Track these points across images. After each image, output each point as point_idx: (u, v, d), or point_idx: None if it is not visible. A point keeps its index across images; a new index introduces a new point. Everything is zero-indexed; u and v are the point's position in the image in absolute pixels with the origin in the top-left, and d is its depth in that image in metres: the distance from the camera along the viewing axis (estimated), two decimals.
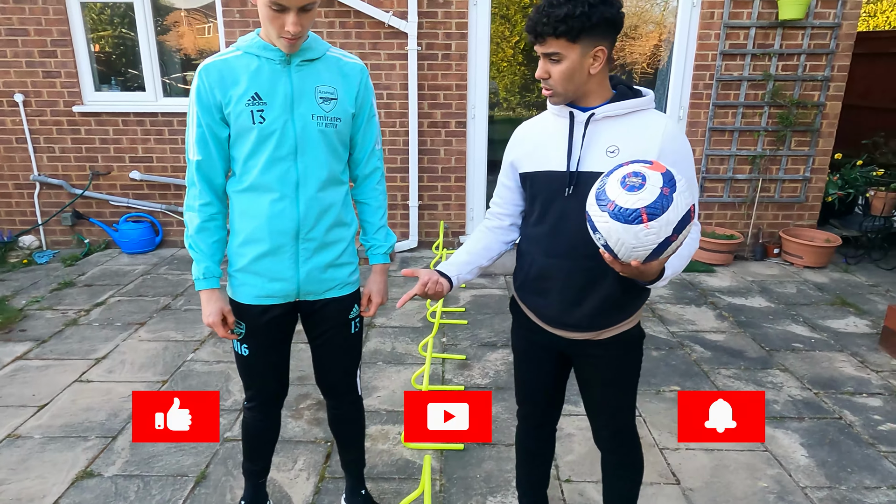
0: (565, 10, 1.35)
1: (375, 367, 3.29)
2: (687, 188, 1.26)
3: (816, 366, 3.35)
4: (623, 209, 1.23)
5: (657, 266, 1.34)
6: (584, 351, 1.65)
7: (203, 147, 1.61)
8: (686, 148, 1.51)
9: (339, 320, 1.83)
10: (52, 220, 5.31)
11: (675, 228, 1.24)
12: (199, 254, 1.66)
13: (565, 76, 1.44)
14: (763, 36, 4.80)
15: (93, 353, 3.42)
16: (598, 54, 1.43)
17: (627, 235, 1.24)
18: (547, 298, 1.61)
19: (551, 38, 1.39)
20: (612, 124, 1.49)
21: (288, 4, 1.45)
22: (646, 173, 1.24)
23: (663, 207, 1.22)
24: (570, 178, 1.50)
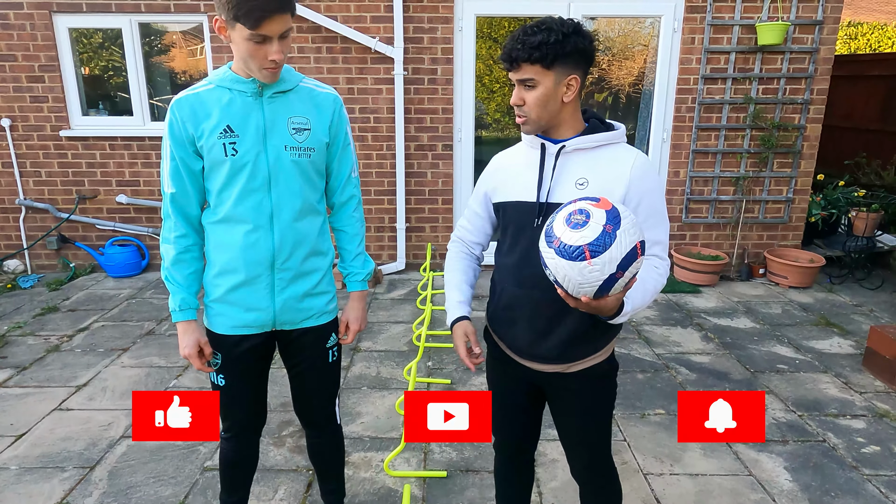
0: (540, 38, 1.39)
1: (360, 393, 3.27)
2: (633, 226, 1.26)
3: (801, 387, 3.35)
4: (567, 246, 1.25)
5: (613, 301, 1.34)
6: (555, 383, 1.65)
7: (177, 180, 1.62)
8: (655, 182, 1.52)
9: (317, 349, 1.82)
10: (38, 245, 5.28)
11: (620, 265, 1.25)
12: (176, 285, 1.66)
13: (539, 102, 1.45)
14: (743, 60, 4.89)
15: (74, 380, 3.38)
16: (572, 83, 1.45)
17: (573, 272, 1.26)
18: (516, 329, 1.62)
19: (526, 63, 1.42)
20: (583, 157, 1.51)
21: (270, 34, 1.46)
22: (590, 210, 1.26)
23: (605, 245, 1.23)
24: (539, 209, 1.52)
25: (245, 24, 1.44)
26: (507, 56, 1.45)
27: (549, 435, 2.73)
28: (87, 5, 4.79)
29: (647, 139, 5.18)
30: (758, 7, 4.78)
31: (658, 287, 1.51)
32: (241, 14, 1.43)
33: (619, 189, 1.47)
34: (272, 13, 1.43)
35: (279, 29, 1.47)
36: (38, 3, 4.77)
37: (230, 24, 1.47)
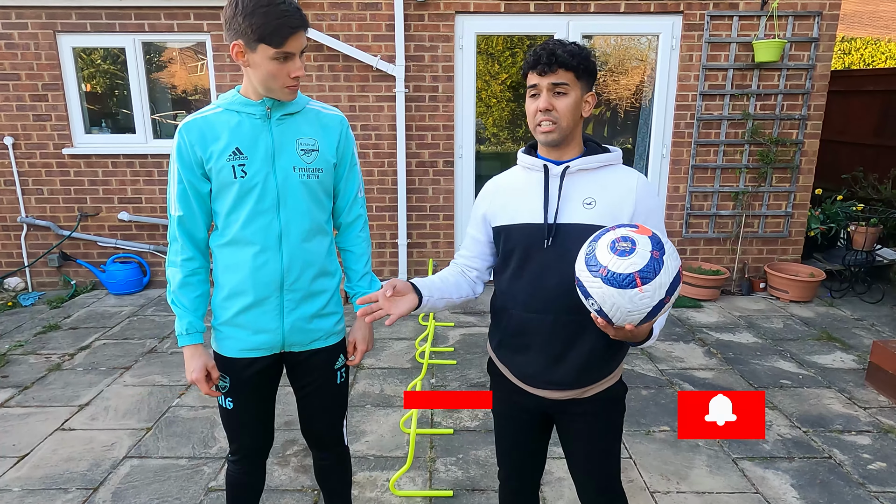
0: (576, 49, 1.46)
1: (364, 411, 3.26)
2: (674, 250, 1.29)
3: (805, 403, 3.35)
4: (616, 274, 1.24)
5: (647, 327, 1.36)
6: (567, 409, 1.62)
7: (184, 203, 1.63)
8: (657, 201, 1.56)
9: (325, 371, 1.82)
10: (39, 262, 5.28)
11: (668, 290, 1.26)
12: (182, 309, 1.66)
13: (570, 108, 1.47)
14: (741, 77, 4.95)
15: (76, 399, 3.37)
16: (589, 99, 1.51)
17: (623, 300, 1.25)
18: (527, 355, 1.59)
19: (562, 69, 1.44)
20: (587, 177, 1.53)
21: (293, 50, 1.51)
22: (634, 237, 1.27)
23: (655, 270, 1.24)
24: (549, 230, 1.51)
25: (271, 44, 1.48)
26: (547, 58, 1.43)
27: (555, 453, 2.72)
28: (92, 25, 4.83)
29: (647, 154, 5.22)
30: (754, 25, 4.84)
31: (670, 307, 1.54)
32: (267, 33, 1.46)
33: (627, 208, 1.49)
34: (296, 28, 1.49)
35: (300, 45, 1.53)
36: (43, 23, 4.81)
37: (252, 46, 1.49)
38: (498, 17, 4.85)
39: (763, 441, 2.97)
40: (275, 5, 1.46)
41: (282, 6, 1.46)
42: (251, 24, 1.46)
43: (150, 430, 3.06)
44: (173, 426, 3.10)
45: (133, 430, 3.07)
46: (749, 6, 4.80)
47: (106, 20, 4.83)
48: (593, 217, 1.49)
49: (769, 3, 4.75)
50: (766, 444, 2.95)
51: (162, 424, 3.11)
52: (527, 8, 4.81)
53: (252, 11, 1.45)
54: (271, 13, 1.45)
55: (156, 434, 3.02)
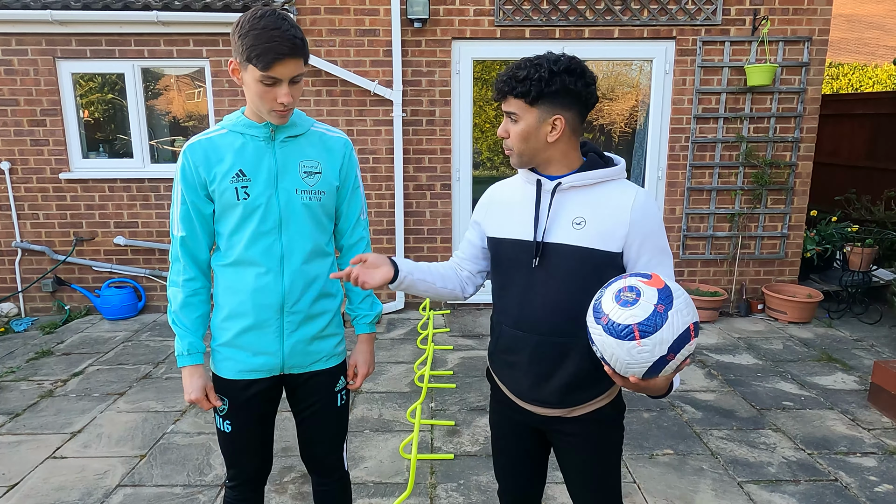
0: (525, 73, 1.39)
1: (362, 436, 3.20)
2: (686, 306, 1.22)
3: (808, 425, 3.32)
4: (615, 324, 1.21)
5: (663, 382, 1.30)
6: (557, 428, 1.59)
7: (187, 224, 1.62)
8: (656, 221, 1.47)
9: (326, 393, 1.79)
10: (33, 287, 5.23)
11: (671, 348, 1.20)
12: (183, 329, 1.64)
13: (521, 137, 1.44)
14: (734, 101, 5.02)
15: (68, 426, 3.30)
16: (556, 123, 1.42)
17: (620, 351, 1.22)
18: (515, 372, 1.57)
19: (511, 97, 1.42)
20: (580, 195, 1.47)
21: (280, 77, 1.50)
22: (641, 289, 1.22)
23: (656, 325, 1.19)
24: (537, 248, 1.48)
25: (257, 66, 1.47)
26: (496, 87, 1.45)
27: (557, 478, 2.68)
28: (92, 51, 4.88)
29: (643, 177, 5.26)
30: (746, 50, 4.93)
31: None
32: (253, 56, 1.46)
33: (619, 229, 1.43)
34: (284, 56, 1.47)
35: (290, 73, 1.50)
36: (43, 49, 4.85)
37: (243, 65, 1.50)
38: (494, 42, 4.93)
39: (768, 464, 2.93)
40: (268, 30, 1.45)
41: (274, 31, 1.45)
42: (244, 44, 1.47)
43: (143, 458, 2.99)
44: (168, 453, 3.03)
45: (126, 457, 3.00)
46: (740, 31, 4.90)
47: (106, 46, 4.87)
48: (582, 238, 1.44)
49: (759, 29, 4.85)
50: (772, 466, 2.91)
51: (156, 451, 3.05)
52: (522, 34, 4.88)
53: (247, 32, 1.46)
54: (262, 37, 1.45)
55: (150, 461, 2.96)
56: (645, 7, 4.82)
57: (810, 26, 4.90)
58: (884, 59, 26.20)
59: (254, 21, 1.47)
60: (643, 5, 4.82)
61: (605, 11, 4.82)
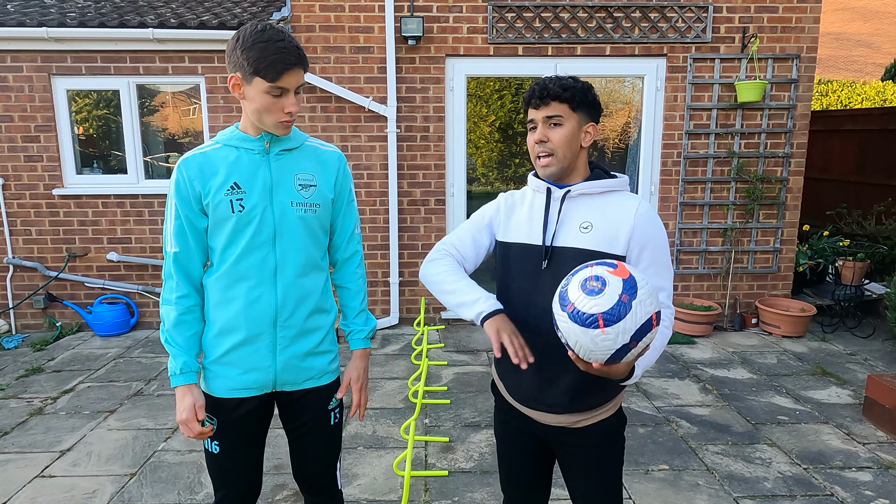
0: (570, 82, 1.50)
1: (356, 453, 3.17)
2: (649, 296, 1.25)
3: (803, 439, 3.31)
4: (581, 313, 1.25)
5: (624, 367, 1.35)
6: (561, 439, 1.61)
7: (181, 239, 1.62)
8: (658, 230, 1.52)
9: (319, 411, 1.77)
10: (24, 304, 5.19)
11: (633, 336, 1.24)
12: (177, 348, 1.62)
13: (566, 141, 1.50)
14: (724, 116, 5.07)
15: (57, 444, 3.26)
16: (589, 129, 1.54)
17: (585, 338, 1.25)
18: (521, 375, 1.59)
19: (556, 102, 1.49)
20: (587, 202, 1.54)
21: (287, 86, 1.53)
22: (607, 278, 1.26)
23: (620, 315, 1.22)
24: (546, 251, 1.53)
25: (265, 78, 1.50)
26: (540, 92, 1.49)
27: (561, 495, 2.65)
28: (87, 68, 4.89)
29: (636, 192, 5.29)
30: (735, 67, 5.00)
31: (665, 340, 1.50)
32: (262, 67, 1.49)
33: (623, 234, 1.49)
34: (292, 65, 1.51)
35: (296, 82, 1.54)
36: (38, 66, 4.87)
37: (248, 79, 1.52)
38: (487, 59, 4.98)
39: (764, 479, 2.91)
40: (273, 41, 1.49)
41: (279, 43, 1.49)
42: (248, 58, 1.49)
43: (134, 476, 2.95)
44: (159, 471, 2.99)
45: (116, 476, 2.96)
46: (730, 49, 4.97)
47: (101, 63, 4.89)
48: (588, 242, 1.50)
49: (749, 46, 4.92)
50: (768, 482, 2.89)
51: (147, 470, 3.00)
52: (515, 51, 4.94)
53: (251, 45, 1.49)
54: (269, 48, 1.48)
55: (140, 480, 2.92)
56: (636, 25, 4.89)
57: (798, 44, 4.97)
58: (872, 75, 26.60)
59: (256, 34, 1.50)
60: (634, 23, 4.88)
61: (597, 29, 4.89)
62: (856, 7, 37.63)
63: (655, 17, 4.88)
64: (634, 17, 4.87)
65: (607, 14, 4.86)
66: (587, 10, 4.85)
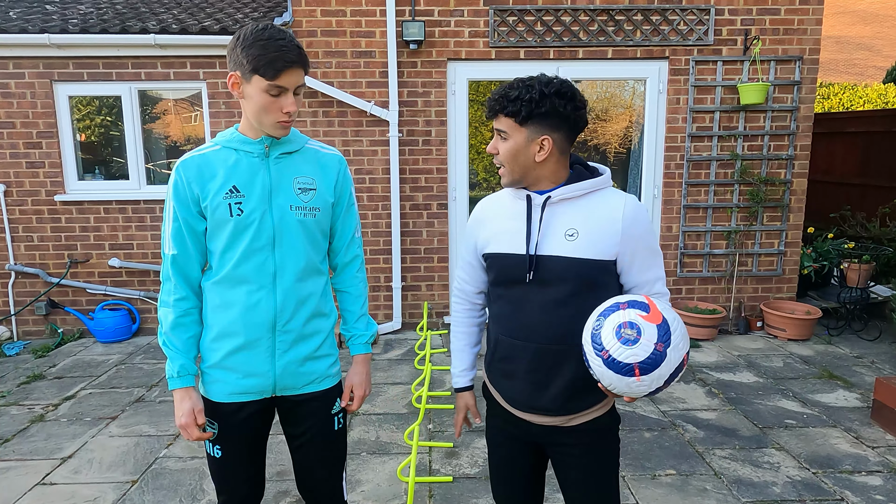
0: (517, 94, 1.43)
1: (359, 459, 3.14)
2: (682, 339, 1.29)
3: (812, 443, 3.28)
4: (616, 361, 1.28)
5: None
6: (555, 440, 1.59)
7: (179, 241, 1.60)
8: (646, 227, 1.51)
9: (321, 416, 1.74)
10: (26, 310, 5.17)
11: (667, 380, 1.29)
12: (174, 351, 1.60)
13: (510, 154, 1.48)
14: (727, 119, 5.06)
15: (58, 451, 3.23)
16: (544, 143, 1.45)
17: (620, 384, 1.30)
18: (513, 381, 1.58)
19: (501, 115, 1.46)
20: (570, 207, 1.49)
21: (287, 85, 1.51)
22: (641, 326, 1.27)
23: (656, 363, 1.26)
24: (530, 262, 1.49)
25: (264, 76, 1.48)
26: (488, 105, 1.50)
27: (558, 500, 2.62)
28: (89, 74, 4.90)
29: (639, 195, 5.27)
30: (738, 69, 4.98)
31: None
32: (261, 65, 1.47)
33: (612, 238, 1.47)
34: (292, 63, 1.49)
35: (295, 81, 1.52)
36: (40, 72, 4.87)
37: (247, 77, 1.50)
38: (489, 63, 4.97)
39: (772, 483, 2.88)
40: (274, 40, 1.47)
41: (280, 41, 1.48)
42: (248, 55, 1.48)
43: (135, 483, 2.92)
44: (160, 478, 2.96)
45: (118, 483, 2.93)
46: (732, 51, 4.95)
47: (103, 69, 4.89)
48: (575, 250, 1.46)
49: (751, 48, 4.91)
50: (776, 486, 2.86)
51: (148, 477, 2.98)
52: (517, 55, 4.93)
53: (251, 43, 1.47)
54: (269, 46, 1.47)
55: (142, 487, 2.89)
56: (637, 28, 4.88)
57: (801, 45, 4.96)
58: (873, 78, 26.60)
59: (258, 33, 1.48)
60: (636, 26, 4.88)
61: (599, 32, 4.88)
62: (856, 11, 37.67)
63: (657, 19, 4.87)
64: (636, 19, 4.87)
65: (609, 17, 4.86)
66: (589, 13, 4.85)
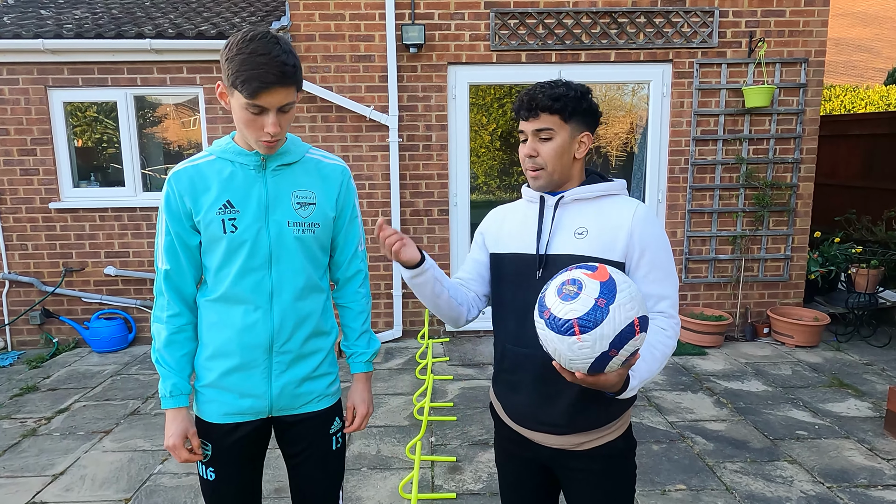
0: (561, 91, 1.41)
1: (360, 475, 3.05)
2: (630, 300, 1.15)
3: (824, 455, 3.19)
4: (556, 318, 1.16)
5: (614, 377, 1.23)
6: (565, 464, 1.51)
7: (172, 256, 1.52)
8: (658, 233, 1.43)
9: (318, 437, 1.66)
10: (20, 320, 5.08)
11: (613, 343, 1.13)
12: (167, 369, 1.52)
13: (555, 153, 1.43)
14: (732, 122, 4.98)
15: (50, 468, 3.14)
16: (584, 140, 1.45)
17: (562, 346, 1.17)
18: (519, 393, 1.51)
19: (546, 113, 1.41)
20: (582, 207, 1.47)
21: (267, 105, 1.39)
22: (583, 281, 1.17)
23: (596, 320, 1.13)
24: (540, 260, 1.45)
25: (242, 93, 1.38)
26: (528, 104, 1.43)
27: None
28: (84, 80, 4.82)
29: (643, 200, 5.19)
30: (742, 72, 4.91)
31: (668, 351, 1.40)
32: (238, 82, 1.37)
33: (620, 238, 1.41)
34: (270, 85, 1.36)
35: (277, 102, 1.40)
36: (35, 78, 4.80)
37: (230, 90, 1.42)
38: (490, 67, 4.90)
39: (786, 499, 2.79)
40: (256, 55, 1.35)
41: (261, 57, 1.35)
42: (229, 68, 1.38)
43: (129, 502, 2.83)
44: (154, 496, 2.87)
45: (111, 501, 2.84)
46: (736, 54, 4.88)
47: (98, 75, 4.82)
48: (583, 247, 1.42)
49: (756, 50, 4.84)
50: (790, 502, 2.77)
51: (142, 495, 2.89)
52: (518, 58, 4.86)
53: (234, 56, 1.37)
54: (248, 62, 1.35)
55: None
56: (640, 31, 4.81)
57: (806, 47, 4.89)
58: (873, 80, 26.59)
59: (242, 44, 1.37)
60: (639, 29, 4.81)
61: (601, 35, 4.81)
62: (855, 12, 37.70)
63: (660, 22, 4.80)
64: (639, 22, 4.80)
65: (611, 20, 4.79)
66: (591, 15, 4.78)
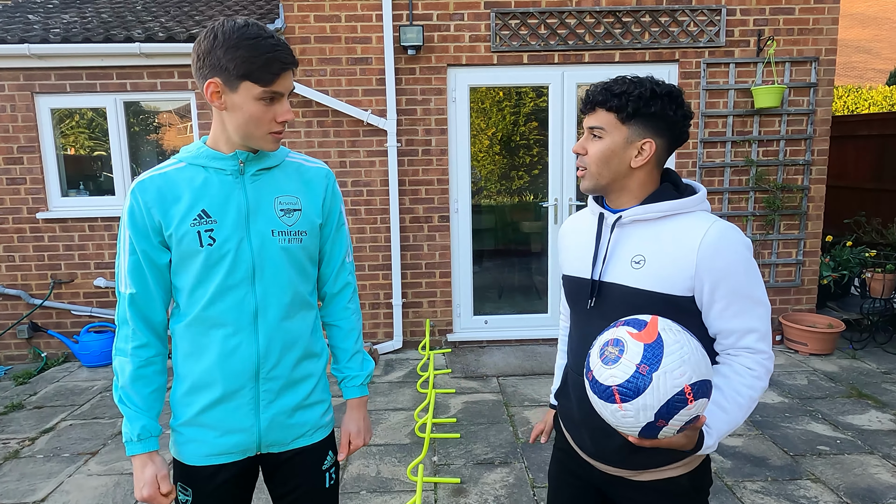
0: (624, 88, 1.25)
1: (358, 499, 2.88)
2: (680, 364, 1.01)
3: (849, 473, 3.02)
4: (598, 383, 1.07)
5: (680, 440, 1.11)
6: (621, 493, 1.37)
7: (138, 278, 1.35)
8: (735, 259, 1.20)
9: (311, 473, 1.50)
10: (7, 334, 4.92)
11: (659, 413, 1.01)
12: (133, 409, 1.34)
13: (602, 156, 1.28)
14: (741, 123, 4.83)
15: (31, 494, 2.97)
16: (645, 146, 1.26)
17: (606, 412, 1.07)
18: (576, 419, 1.40)
19: (601, 109, 1.27)
20: (642, 229, 1.29)
21: (283, 90, 1.29)
22: (626, 343, 1.04)
23: (637, 389, 1.01)
24: (593, 288, 1.32)
25: (257, 81, 1.25)
26: (587, 96, 1.30)
27: None
28: (72, 86, 4.67)
29: None
30: (751, 72, 4.76)
31: (755, 394, 1.21)
32: (255, 69, 1.24)
33: (684, 270, 1.21)
34: (289, 66, 1.29)
35: (290, 85, 1.32)
36: (21, 84, 4.65)
37: (232, 84, 1.26)
38: (491, 69, 4.75)
39: None
40: (263, 38, 1.24)
41: (271, 40, 1.25)
42: (234, 58, 1.23)
43: None
44: None
45: None
46: (745, 53, 4.74)
47: (87, 80, 4.67)
48: (640, 279, 1.25)
49: (765, 50, 4.69)
50: None
51: None
52: (520, 59, 4.71)
53: (236, 44, 1.22)
54: (261, 46, 1.23)
55: None
56: (646, 30, 4.66)
57: (816, 46, 4.74)
58: (873, 81, 26.50)
59: (240, 30, 1.23)
60: (644, 28, 4.66)
61: (605, 35, 4.66)
62: (854, 14, 37.66)
63: (666, 21, 4.65)
64: (644, 21, 4.65)
65: (615, 19, 4.64)
66: (594, 15, 4.63)
